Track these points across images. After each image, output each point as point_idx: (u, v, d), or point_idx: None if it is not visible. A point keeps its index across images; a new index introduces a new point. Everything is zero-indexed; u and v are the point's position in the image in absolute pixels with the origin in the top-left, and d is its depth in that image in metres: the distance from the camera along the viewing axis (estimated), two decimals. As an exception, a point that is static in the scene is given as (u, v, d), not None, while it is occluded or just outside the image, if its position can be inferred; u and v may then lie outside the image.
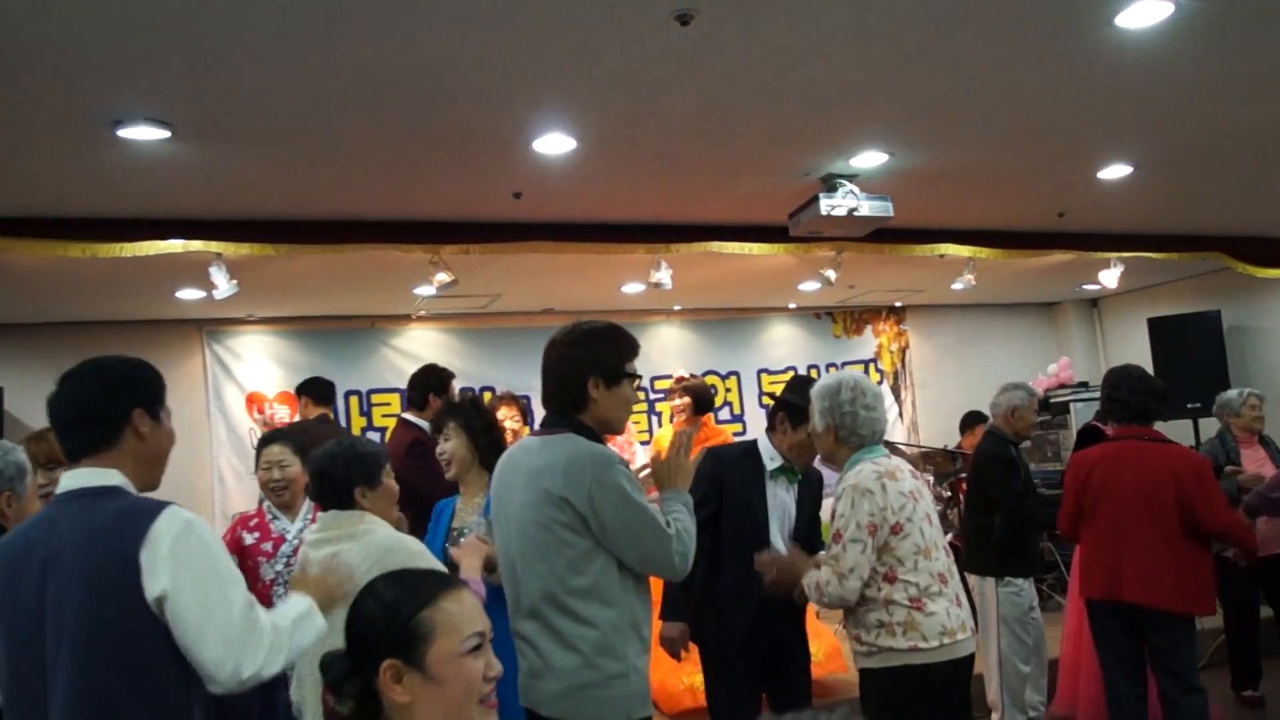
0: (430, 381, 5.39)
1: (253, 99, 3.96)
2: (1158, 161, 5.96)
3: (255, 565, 4.05)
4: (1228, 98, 4.90)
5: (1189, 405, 8.58)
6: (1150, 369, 7.96)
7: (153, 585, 2.13)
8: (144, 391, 2.39)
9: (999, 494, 5.24)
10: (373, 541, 3.10)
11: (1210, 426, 6.56)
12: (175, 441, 2.50)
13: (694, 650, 4.31)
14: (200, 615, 2.15)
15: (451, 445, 3.86)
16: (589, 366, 2.89)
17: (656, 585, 3.42)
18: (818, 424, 3.53)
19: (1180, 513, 4.33)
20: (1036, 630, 5.37)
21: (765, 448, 4.07)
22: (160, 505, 2.23)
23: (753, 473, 4.03)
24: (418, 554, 3.14)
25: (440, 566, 3.34)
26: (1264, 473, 5.67)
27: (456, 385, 8.57)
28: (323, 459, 3.26)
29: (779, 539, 3.92)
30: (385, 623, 1.76)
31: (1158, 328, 9.75)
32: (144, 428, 2.34)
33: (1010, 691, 5.33)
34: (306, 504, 4.21)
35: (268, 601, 3.73)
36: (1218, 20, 3.94)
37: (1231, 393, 6.24)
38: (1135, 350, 10.07)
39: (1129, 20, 3.85)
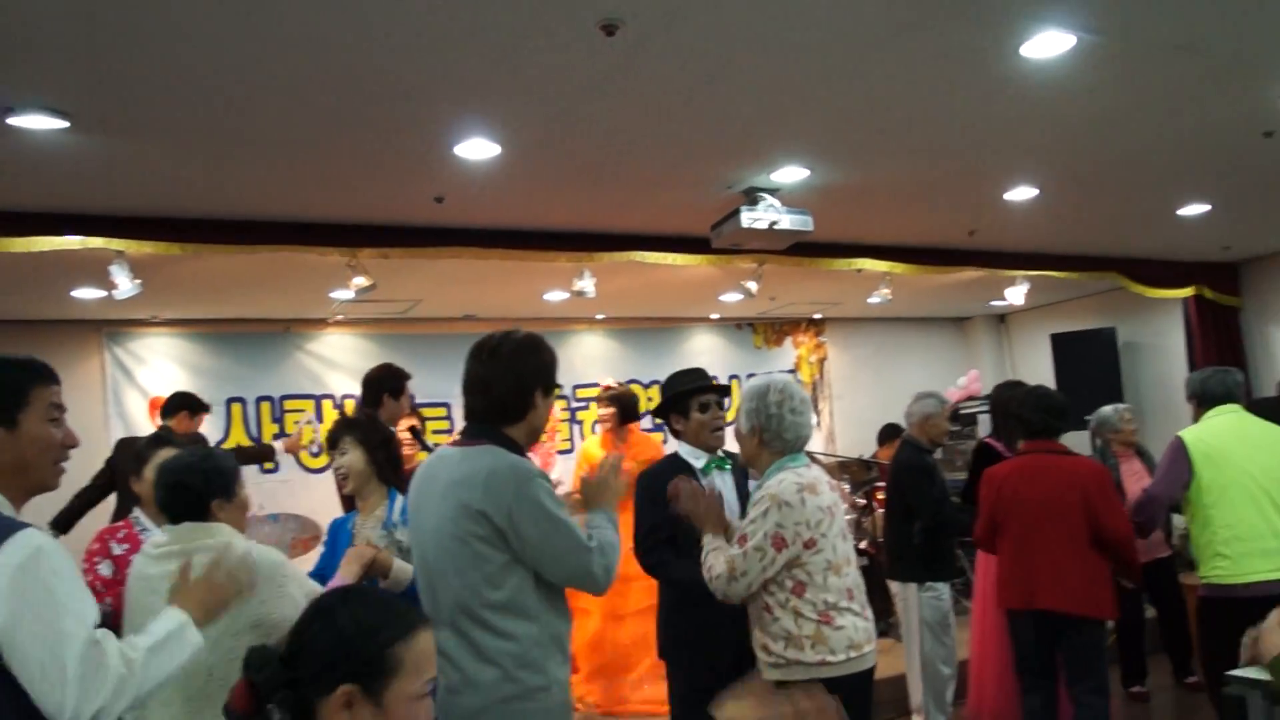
0: (386, 382, 5.25)
1: (160, 90, 3.84)
2: (1060, 185, 6.18)
3: (125, 578, 3.93)
4: (1122, 126, 5.12)
5: (1085, 418, 8.83)
6: (1053, 382, 8.16)
7: None
8: None
9: (918, 501, 5.38)
10: (233, 553, 2.93)
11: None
12: (54, 445, 2.29)
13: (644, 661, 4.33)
14: (40, 652, 1.98)
15: (349, 459, 3.80)
16: (537, 376, 2.91)
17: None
18: (743, 425, 3.50)
19: (1086, 521, 4.50)
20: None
21: (685, 450, 4.09)
22: (11, 528, 2.06)
23: (692, 478, 4.04)
24: (281, 564, 3.03)
25: (309, 580, 3.21)
26: (1143, 486, 5.86)
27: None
28: (178, 470, 3.09)
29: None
30: (357, 645, 1.68)
31: (1059, 343, 10.08)
32: None
33: (933, 693, 5.46)
34: None
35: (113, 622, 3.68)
36: (1114, 54, 4.14)
37: (1107, 409, 6.50)
38: (1039, 364, 10.38)
39: (1034, 50, 4.02)
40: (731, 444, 3.86)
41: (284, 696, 1.66)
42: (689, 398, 4.04)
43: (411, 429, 5.46)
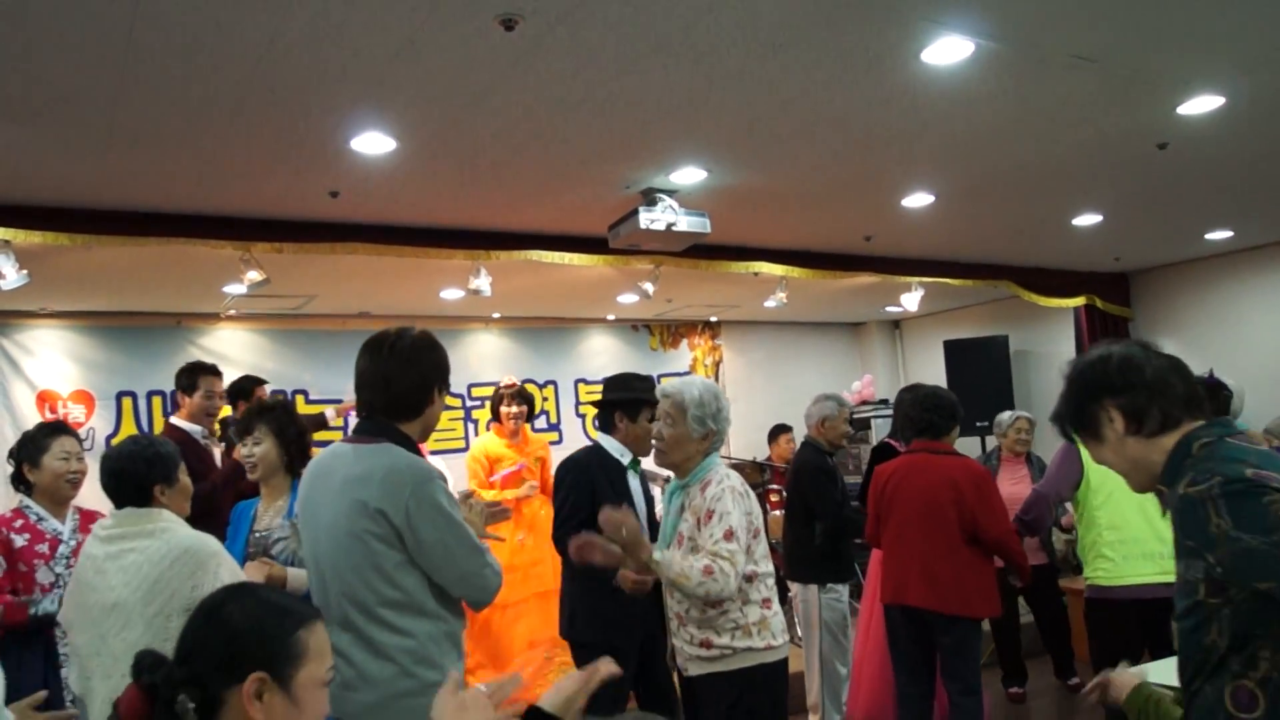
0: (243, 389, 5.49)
1: (45, 74, 3.70)
2: (956, 192, 6.30)
3: (31, 568, 3.85)
4: (1016, 135, 5.23)
5: (977, 424, 9.06)
6: (946, 388, 8.35)
7: None
8: None
9: (819, 503, 5.45)
10: (171, 541, 3.04)
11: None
12: None
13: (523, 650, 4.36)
14: None
15: (262, 449, 3.80)
16: (434, 373, 2.91)
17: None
18: (693, 430, 3.56)
19: (961, 521, 4.60)
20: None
21: (613, 445, 4.24)
22: None
23: (615, 472, 4.19)
24: (216, 552, 3.09)
25: (238, 569, 3.29)
26: (1019, 490, 6.04)
27: (268, 389, 8.39)
28: (120, 457, 3.18)
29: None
30: (263, 633, 1.71)
31: (952, 350, 10.28)
32: None
33: (830, 692, 5.55)
34: (73, 506, 4.10)
35: (26, 614, 3.65)
36: (1012, 62, 4.21)
37: (1005, 414, 6.75)
38: (932, 370, 10.60)
39: (933, 56, 4.07)
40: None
41: (190, 693, 1.65)
42: (646, 405, 4.26)
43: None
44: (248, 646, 1.69)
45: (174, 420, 5.45)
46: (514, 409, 6.54)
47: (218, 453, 5.50)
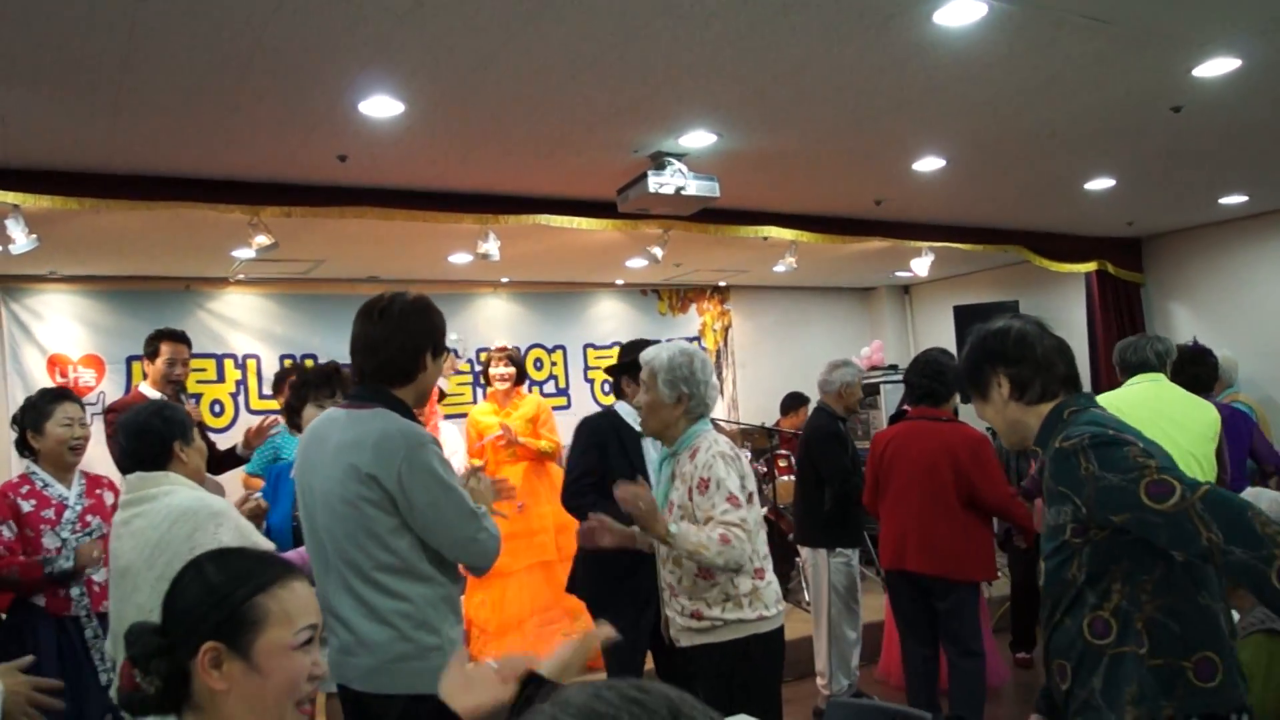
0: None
1: (54, 40, 3.69)
2: (967, 156, 6.25)
3: (38, 533, 3.87)
4: (1030, 99, 5.18)
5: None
6: (955, 354, 8.34)
7: None
8: None
9: (829, 468, 5.45)
10: (171, 503, 3.05)
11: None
12: None
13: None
14: None
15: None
16: (425, 338, 2.89)
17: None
18: (665, 395, 3.47)
19: (958, 487, 4.62)
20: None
21: (628, 411, 4.18)
22: None
23: (631, 438, 4.15)
24: (218, 513, 3.08)
25: (258, 534, 3.28)
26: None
27: (277, 353, 8.43)
28: (140, 416, 3.24)
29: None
30: (213, 603, 1.65)
31: (962, 315, 10.24)
32: None
33: (839, 657, 5.57)
34: (78, 472, 4.12)
35: (42, 573, 3.70)
36: (1024, 24, 4.17)
37: None
38: (941, 336, 10.57)
39: (946, 18, 4.03)
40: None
41: (156, 665, 1.62)
42: None
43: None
44: (202, 616, 1.65)
45: (140, 387, 5.50)
46: (501, 369, 6.49)
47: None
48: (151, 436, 3.20)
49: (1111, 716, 2.20)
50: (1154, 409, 4.59)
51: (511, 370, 6.43)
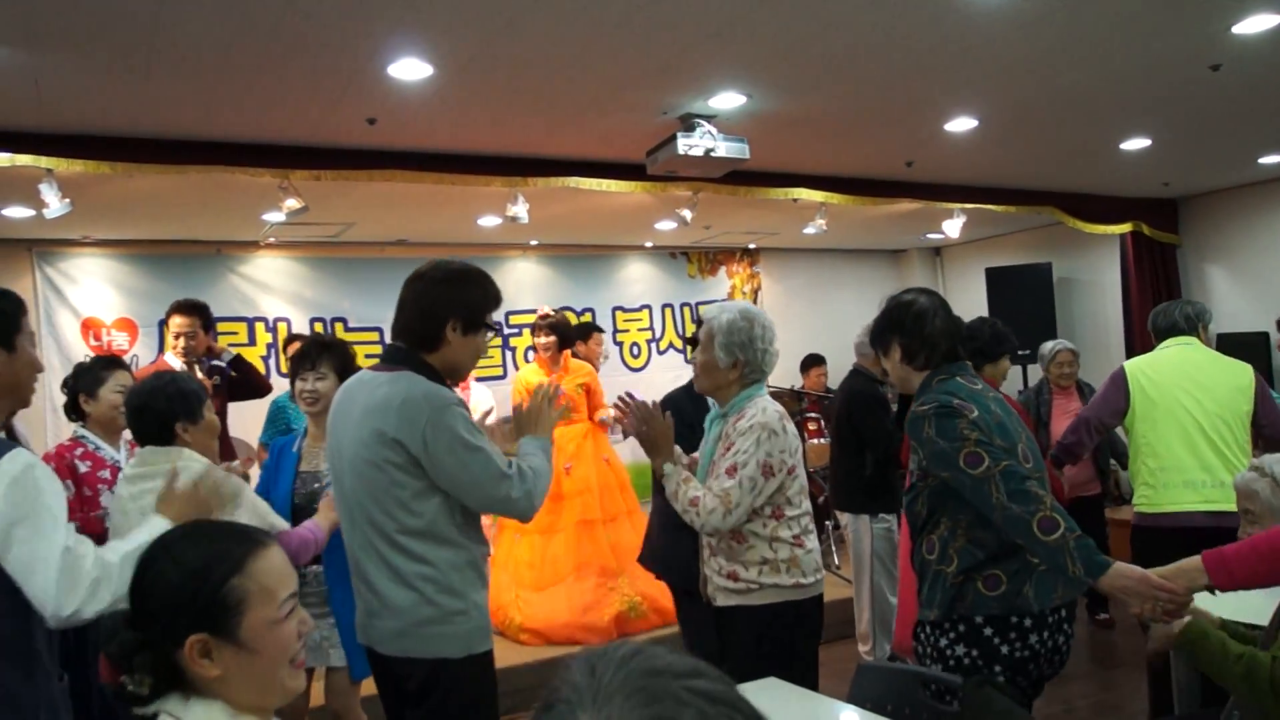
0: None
1: (85, 3, 3.68)
2: (1000, 117, 6.17)
3: (95, 493, 3.95)
4: (1064, 58, 5.10)
5: (1020, 352, 8.98)
6: (992, 318, 8.31)
7: None
8: None
9: (870, 432, 5.43)
10: (217, 471, 3.04)
11: (1039, 374, 6.93)
12: (38, 365, 2.57)
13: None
14: (27, 554, 2.23)
15: (326, 384, 3.85)
16: (450, 308, 2.86)
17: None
18: (720, 358, 3.47)
19: None
20: None
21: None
22: (5, 446, 2.29)
23: (701, 403, 4.10)
24: (234, 491, 3.05)
25: (257, 501, 3.30)
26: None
27: (307, 316, 8.48)
28: (143, 394, 3.23)
29: None
30: (190, 593, 1.59)
31: (994, 278, 10.16)
32: None
33: (880, 621, 5.57)
34: (125, 434, 4.14)
35: (102, 527, 3.71)
36: (1061, -20, 4.10)
37: (1046, 346, 6.68)
38: (973, 299, 10.49)
39: (979, -25, 3.96)
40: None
41: (142, 660, 1.58)
42: None
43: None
44: (181, 607, 1.59)
45: (166, 356, 5.68)
46: (542, 339, 6.55)
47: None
48: (151, 415, 3.20)
49: (929, 614, 3.00)
50: (1182, 373, 4.56)
51: (553, 339, 6.50)
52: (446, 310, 2.85)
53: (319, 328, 8.62)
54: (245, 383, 6.10)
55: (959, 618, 2.91)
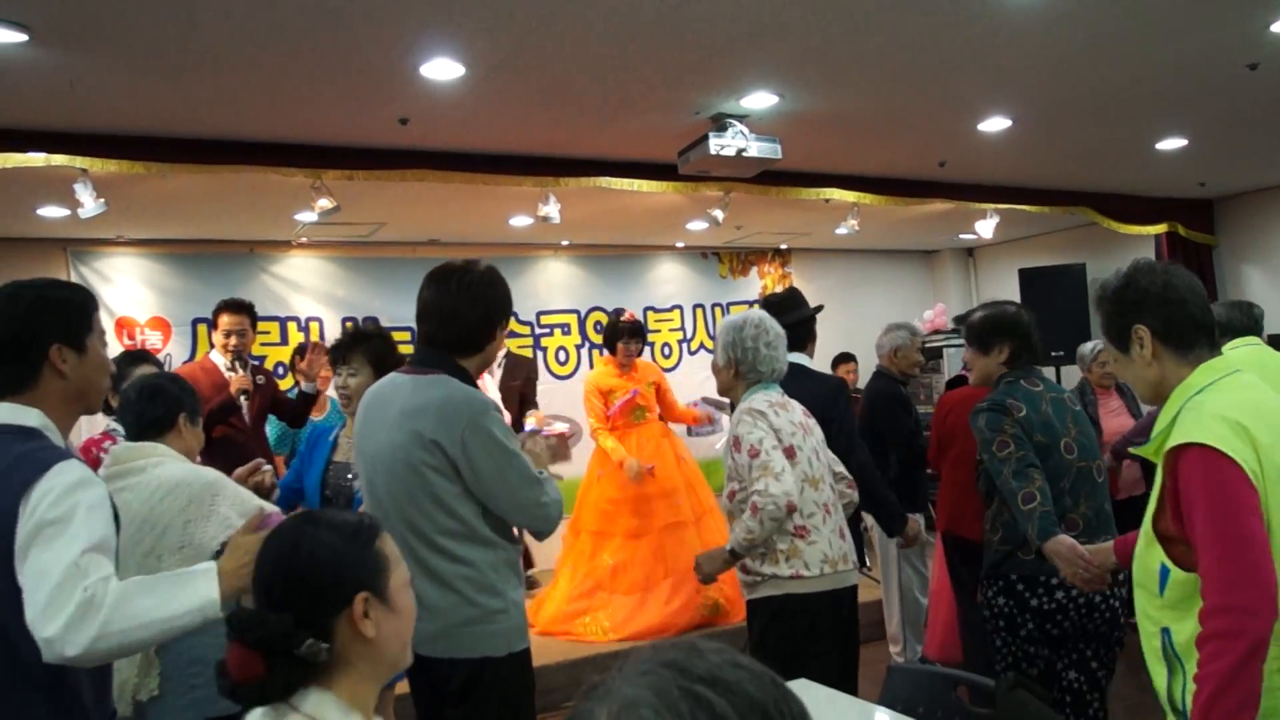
0: None
1: (118, 3, 3.71)
2: (1034, 116, 6.12)
3: None
4: (1098, 58, 5.06)
5: (1053, 354, 8.90)
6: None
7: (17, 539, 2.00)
8: (61, 323, 2.21)
9: (892, 432, 5.41)
10: (161, 475, 3.02)
11: (1072, 374, 6.86)
12: (109, 366, 2.38)
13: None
14: (35, 565, 1.97)
15: (358, 380, 3.85)
16: (498, 311, 2.94)
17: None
18: (719, 358, 3.64)
19: None
20: None
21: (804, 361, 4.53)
22: (57, 457, 2.08)
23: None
24: (212, 483, 3.06)
25: (257, 500, 3.21)
26: (1121, 423, 5.95)
27: (339, 316, 8.53)
28: (155, 379, 3.26)
29: None
30: (353, 555, 1.70)
31: (1028, 278, 10.07)
32: (65, 364, 2.20)
33: (910, 622, 5.54)
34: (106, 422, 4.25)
35: None
36: (1096, -22, 4.05)
37: (1086, 346, 6.58)
38: (1006, 299, 10.37)
39: (1014, -27, 3.93)
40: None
41: (300, 638, 1.62)
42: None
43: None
44: (342, 573, 1.69)
45: (211, 354, 5.75)
46: (634, 345, 6.64)
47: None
48: (164, 396, 3.19)
49: (984, 570, 3.71)
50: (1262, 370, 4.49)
51: (641, 344, 6.68)
52: (498, 314, 2.93)
53: (350, 327, 8.65)
54: (292, 411, 6.10)
55: (1000, 575, 3.58)
